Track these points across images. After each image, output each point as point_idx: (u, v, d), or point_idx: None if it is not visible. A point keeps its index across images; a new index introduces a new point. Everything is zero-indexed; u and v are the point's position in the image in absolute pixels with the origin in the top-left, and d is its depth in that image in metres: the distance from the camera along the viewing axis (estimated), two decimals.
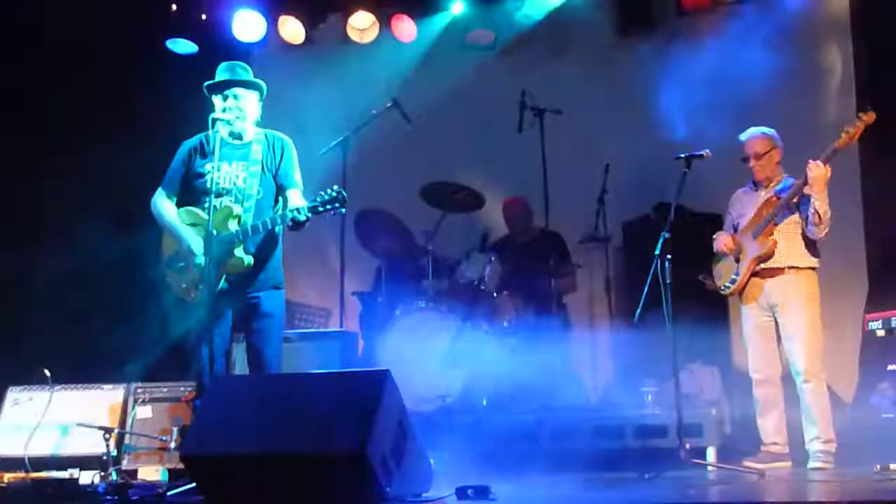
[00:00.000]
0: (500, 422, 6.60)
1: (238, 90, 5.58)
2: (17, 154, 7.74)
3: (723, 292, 6.16)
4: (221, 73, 5.63)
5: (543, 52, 8.74)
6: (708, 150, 5.81)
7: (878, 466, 5.25)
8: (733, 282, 6.04)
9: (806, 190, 5.76)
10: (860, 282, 7.47)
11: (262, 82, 5.67)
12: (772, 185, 6.06)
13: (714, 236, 6.24)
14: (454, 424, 6.50)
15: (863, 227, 7.59)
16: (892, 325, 6.28)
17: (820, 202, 5.69)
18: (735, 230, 6.18)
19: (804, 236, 5.89)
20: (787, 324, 5.88)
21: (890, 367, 6.16)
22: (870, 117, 5.63)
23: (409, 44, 8.77)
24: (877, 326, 6.37)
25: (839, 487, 4.97)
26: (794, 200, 5.86)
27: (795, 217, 5.91)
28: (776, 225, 5.92)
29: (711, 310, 6.95)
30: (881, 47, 7.67)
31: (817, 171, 5.64)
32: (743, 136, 6.13)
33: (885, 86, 7.50)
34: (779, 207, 5.89)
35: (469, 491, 4.30)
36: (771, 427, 5.97)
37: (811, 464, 5.70)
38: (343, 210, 5.22)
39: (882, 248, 7.43)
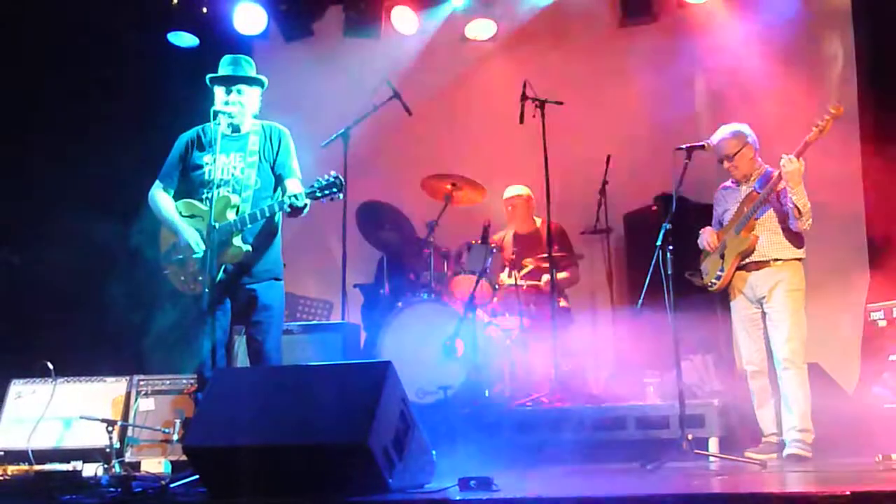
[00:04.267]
0: (501, 413, 6.60)
1: (242, 85, 5.59)
2: (16, 147, 7.75)
3: (710, 289, 6.13)
4: (225, 67, 5.63)
5: (545, 43, 8.73)
6: (709, 141, 5.81)
7: (881, 456, 5.26)
8: (719, 278, 6.02)
9: (781, 185, 5.74)
10: (862, 271, 7.47)
11: (264, 78, 5.68)
12: (752, 179, 6.04)
13: (700, 232, 6.22)
14: (456, 416, 6.50)
15: (864, 217, 7.59)
16: (894, 315, 6.28)
17: (797, 196, 5.67)
18: (722, 225, 6.18)
19: (786, 228, 5.88)
20: (773, 313, 5.89)
21: (891, 357, 6.16)
22: (838, 111, 5.64)
23: (410, 35, 8.76)
24: (878, 316, 6.36)
25: (840, 477, 4.97)
26: (774, 193, 5.84)
27: (777, 209, 5.90)
28: (757, 219, 5.92)
29: (713, 300, 6.93)
30: (882, 37, 7.67)
31: (790, 165, 5.63)
32: (713, 139, 6.07)
33: (887, 76, 7.51)
34: (758, 202, 5.88)
35: (472, 482, 4.30)
36: (770, 418, 5.97)
37: (787, 451, 5.69)
38: (341, 195, 5.22)
39: (883, 237, 7.42)
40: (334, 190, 5.19)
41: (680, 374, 5.59)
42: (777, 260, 5.89)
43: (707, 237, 6.14)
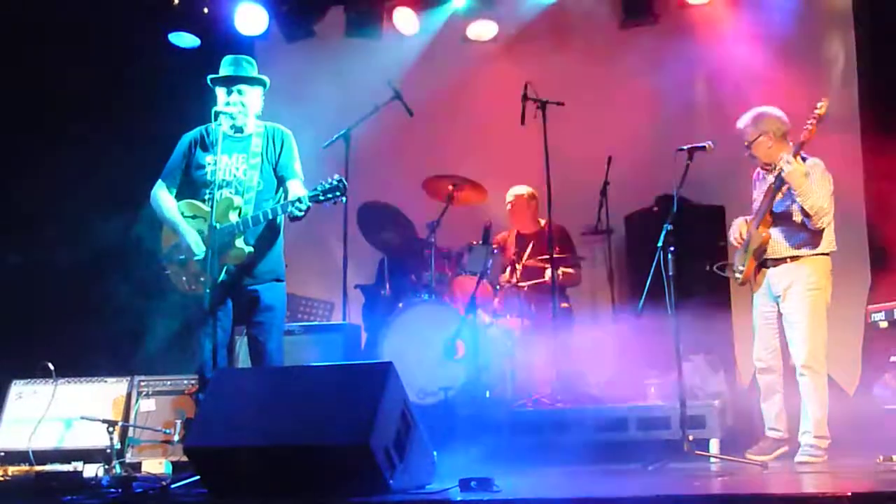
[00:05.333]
0: (502, 414, 6.60)
1: (243, 85, 5.59)
2: (19, 147, 7.75)
3: (738, 282, 6.07)
4: (226, 67, 5.63)
5: (546, 45, 8.73)
6: (710, 142, 5.78)
7: (881, 457, 5.24)
8: (740, 272, 5.96)
9: (786, 186, 5.64)
10: (863, 273, 7.46)
11: (265, 78, 5.68)
12: (776, 168, 5.86)
13: (733, 221, 6.14)
14: (457, 417, 6.50)
15: (865, 219, 7.58)
16: (895, 317, 6.26)
17: (803, 197, 5.57)
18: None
19: (802, 224, 5.75)
20: (789, 314, 5.80)
21: (892, 359, 6.14)
22: (822, 110, 5.54)
23: (411, 36, 8.76)
24: (879, 318, 6.35)
25: (841, 479, 4.97)
26: (788, 190, 5.72)
27: (793, 204, 5.77)
28: (773, 213, 5.83)
29: (714, 301, 6.94)
30: (883, 38, 7.67)
31: (788, 167, 5.54)
32: (739, 125, 6.01)
33: (888, 76, 7.51)
34: (771, 197, 5.77)
35: (472, 483, 4.30)
36: (773, 412, 5.91)
37: (798, 457, 5.64)
38: (344, 199, 5.23)
39: (884, 239, 7.42)
40: (337, 194, 5.20)
41: (681, 375, 5.58)
42: (794, 257, 5.79)
43: (735, 230, 6.05)
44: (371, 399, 4.19)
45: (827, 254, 5.82)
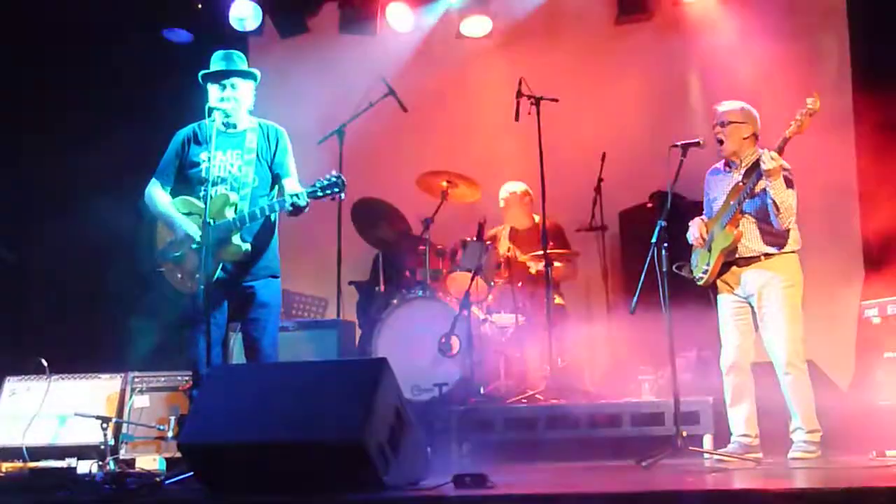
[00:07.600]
0: (496, 410, 6.60)
1: (235, 79, 5.59)
2: (13, 144, 7.74)
3: (698, 283, 5.92)
4: (217, 62, 5.62)
5: (540, 40, 8.73)
6: (703, 139, 5.77)
7: (874, 453, 5.26)
8: (706, 272, 5.80)
9: (762, 183, 5.53)
10: (856, 269, 7.47)
11: (256, 71, 5.68)
12: (742, 164, 5.78)
13: (689, 224, 5.97)
14: (451, 413, 6.50)
15: (858, 215, 7.59)
16: (888, 312, 6.27)
17: (776, 191, 5.45)
18: (713, 213, 5.95)
19: (771, 222, 5.61)
20: (765, 314, 5.64)
21: (886, 354, 6.16)
22: (815, 105, 5.38)
23: (405, 32, 8.76)
24: (873, 313, 6.36)
25: (834, 474, 4.98)
26: (761, 189, 5.60)
27: (765, 202, 5.62)
28: (743, 213, 5.68)
29: (708, 297, 6.93)
30: (877, 35, 7.68)
31: (771, 164, 5.39)
32: (720, 107, 5.87)
33: (882, 76, 7.51)
34: (742, 195, 5.64)
35: (466, 479, 4.29)
36: (742, 418, 5.72)
37: (791, 453, 5.55)
38: (342, 195, 5.24)
39: (878, 235, 7.43)
40: (336, 190, 5.21)
41: (675, 371, 5.58)
42: (767, 255, 5.66)
43: (695, 231, 5.91)
44: (365, 395, 4.19)
45: (795, 251, 5.72)
